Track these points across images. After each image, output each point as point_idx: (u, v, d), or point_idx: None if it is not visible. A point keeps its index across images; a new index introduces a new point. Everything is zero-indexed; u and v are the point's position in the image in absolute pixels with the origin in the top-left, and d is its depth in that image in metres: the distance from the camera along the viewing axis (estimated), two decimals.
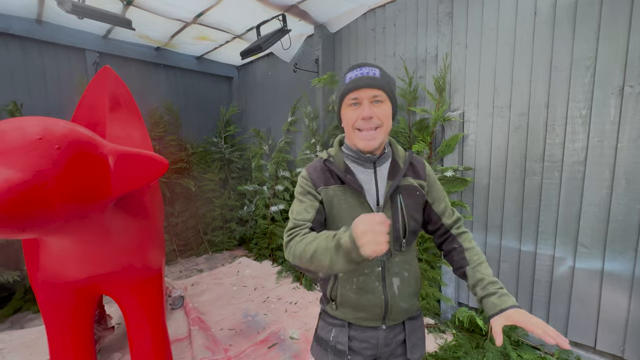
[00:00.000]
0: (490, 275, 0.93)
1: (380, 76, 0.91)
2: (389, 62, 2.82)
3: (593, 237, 1.91)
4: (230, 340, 2.39)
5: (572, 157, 1.94)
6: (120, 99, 1.98)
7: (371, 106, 0.90)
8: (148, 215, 1.64)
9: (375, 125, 0.90)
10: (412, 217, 0.98)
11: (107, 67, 1.95)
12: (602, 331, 1.93)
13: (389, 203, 0.95)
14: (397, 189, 0.96)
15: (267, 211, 3.90)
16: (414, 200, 0.99)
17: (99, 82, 1.92)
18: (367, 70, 0.91)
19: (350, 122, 0.93)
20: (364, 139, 0.92)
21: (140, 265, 1.58)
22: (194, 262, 4.03)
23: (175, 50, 4.03)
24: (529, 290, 2.18)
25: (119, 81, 2.03)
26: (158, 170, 1.22)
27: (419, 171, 1.03)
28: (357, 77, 0.90)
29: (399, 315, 0.99)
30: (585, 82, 1.86)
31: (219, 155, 4.51)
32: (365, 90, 0.89)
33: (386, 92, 0.91)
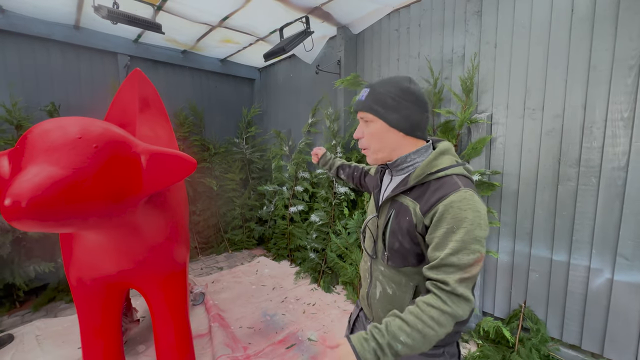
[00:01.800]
0: (384, 325, 0.78)
1: (366, 97, 0.93)
2: (412, 63, 2.77)
3: (635, 248, 1.78)
4: (249, 339, 2.42)
5: (611, 162, 1.82)
6: (149, 100, 2.06)
7: (362, 127, 0.96)
8: (175, 212, 1.68)
9: (364, 146, 0.97)
10: (397, 238, 0.90)
11: (137, 69, 2.03)
12: None
13: (385, 211, 0.98)
14: (393, 203, 0.95)
15: (286, 212, 3.93)
16: (402, 223, 0.89)
17: (130, 84, 2.01)
18: (361, 92, 0.96)
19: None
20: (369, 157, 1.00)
21: (166, 261, 1.63)
22: (214, 259, 4.12)
23: (200, 53, 4.14)
24: (561, 302, 2.07)
25: (148, 83, 2.11)
26: (187, 169, 1.25)
27: (427, 198, 0.84)
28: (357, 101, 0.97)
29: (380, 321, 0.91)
30: (628, 82, 1.74)
31: (240, 156, 4.59)
32: (358, 113, 0.96)
33: (373, 112, 0.91)
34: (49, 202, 0.88)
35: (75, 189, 0.95)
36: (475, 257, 0.76)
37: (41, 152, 0.97)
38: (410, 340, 0.73)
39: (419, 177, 0.88)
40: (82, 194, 0.97)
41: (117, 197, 1.12)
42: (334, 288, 3.21)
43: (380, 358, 0.72)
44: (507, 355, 2.04)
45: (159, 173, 1.21)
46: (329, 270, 3.30)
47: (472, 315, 2.39)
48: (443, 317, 0.73)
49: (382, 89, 0.91)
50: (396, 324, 0.75)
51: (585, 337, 1.99)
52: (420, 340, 0.73)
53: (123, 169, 1.13)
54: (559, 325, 2.09)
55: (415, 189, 0.89)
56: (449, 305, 0.74)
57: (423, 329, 0.73)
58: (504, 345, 2.13)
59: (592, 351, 1.98)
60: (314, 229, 3.44)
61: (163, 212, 1.55)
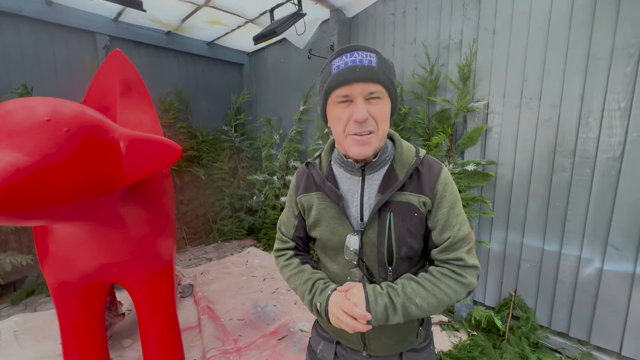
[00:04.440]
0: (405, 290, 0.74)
1: (378, 65, 0.70)
2: (408, 49, 2.69)
3: (625, 238, 1.80)
4: (240, 331, 2.37)
5: (607, 152, 1.82)
6: (131, 84, 1.92)
7: (366, 104, 0.70)
8: (160, 203, 1.59)
9: (370, 128, 0.71)
10: (405, 242, 0.77)
11: (117, 50, 1.89)
12: (629, 336, 1.83)
13: (376, 220, 0.77)
14: (388, 205, 0.77)
15: (277, 201, 3.85)
16: (410, 223, 0.77)
17: (110, 66, 1.87)
18: (360, 56, 0.69)
19: (339, 125, 0.73)
20: (357, 144, 0.72)
21: (151, 255, 1.54)
22: (203, 250, 4.03)
23: (186, 34, 3.93)
24: (551, 291, 2.09)
25: (130, 65, 1.97)
26: (171, 157, 1.15)
27: (425, 184, 0.77)
28: (349, 68, 0.69)
29: (382, 350, 0.85)
30: (627, 71, 1.72)
31: (229, 144, 4.45)
32: (359, 85, 0.68)
33: (385, 86, 0.71)
34: (11, 193, 0.78)
35: (43, 177, 0.85)
36: (468, 224, 0.80)
37: (3, 137, 0.86)
38: (425, 304, 0.73)
39: (408, 166, 0.78)
40: (51, 183, 0.87)
41: (93, 186, 1.02)
42: None
43: (389, 315, 0.72)
44: (497, 343, 2.07)
45: (140, 160, 1.11)
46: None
47: (463, 304, 2.41)
48: (460, 287, 0.75)
49: (386, 62, 0.73)
50: (413, 287, 0.74)
51: (573, 325, 2.02)
52: (435, 305, 0.74)
53: (99, 156, 1.03)
54: (547, 314, 2.12)
55: (407, 181, 0.78)
56: (464, 277, 0.75)
57: (440, 295, 0.74)
58: (494, 333, 2.16)
59: (579, 338, 2.02)
60: None
61: (148, 203, 1.45)
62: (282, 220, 0.97)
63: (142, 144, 1.11)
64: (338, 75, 0.70)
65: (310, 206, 0.86)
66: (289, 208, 0.94)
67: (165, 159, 1.14)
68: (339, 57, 0.72)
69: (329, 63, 0.74)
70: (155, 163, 1.14)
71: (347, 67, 0.69)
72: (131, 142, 1.10)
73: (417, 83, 2.50)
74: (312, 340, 1.01)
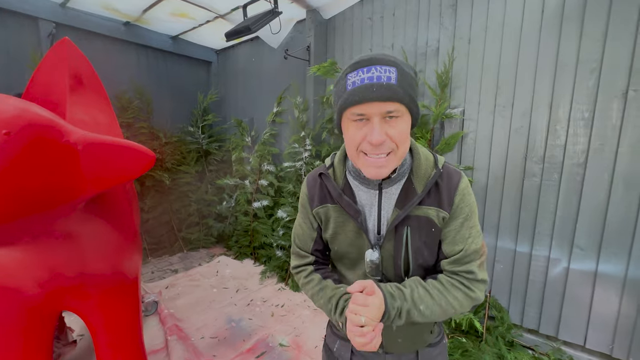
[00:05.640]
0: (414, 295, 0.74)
1: (398, 81, 0.63)
2: None
3: (589, 239, 1.93)
4: (213, 350, 2.18)
5: (572, 159, 1.94)
6: (83, 78, 1.67)
7: (383, 125, 0.65)
8: (125, 213, 1.38)
9: (387, 150, 0.67)
10: (422, 255, 0.77)
11: (66, 39, 1.63)
12: (592, 330, 1.97)
13: (392, 234, 0.76)
14: (405, 219, 0.75)
15: (249, 207, 3.67)
16: (428, 238, 0.76)
17: (57, 57, 1.61)
18: (378, 72, 0.62)
19: (353, 143, 0.69)
20: (370, 166, 0.68)
21: (113, 275, 1.34)
22: (167, 261, 3.72)
23: (147, 27, 3.61)
24: (523, 290, 2.19)
25: (82, 57, 1.72)
26: (142, 165, 0.98)
27: (444, 198, 0.75)
28: (365, 86, 0.63)
29: (398, 349, 0.87)
30: (589, 84, 1.85)
31: (196, 146, 4.17)
32: (375, 105, 0.63)
33: (405, 104, 0.65)
34: None
35: None
36: (482, 237, 0.79)
37: None
38: (429, 312, 0.73)
39: (427, 178, 0.75)
40: None
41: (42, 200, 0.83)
42: None
43: (394, 319, 0.72)
44: (476, 344, 2.11)
45: (104, 169, 0.93)
46: None
47: None
48: (467, 300, 0.75)
49: (406, 68, 0.66)
50: (420, 293, 0.74)
51: (543, 322, 2.13)
52: (438, 314, 0.74)
53: (50, 163, 0.84)
54: (519, 312, 2.22)
55: (426, 195, 0.75)
56: (473, 290, 0.75)
57: (445, 305, 0.74)
58: (472, 334, 2.21)
59: (548, 334, 2.13)
60: (281, 225, 3.25)
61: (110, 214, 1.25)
62: (297, 233, 0.91)
63: (106, 149, 0.93)
64: (353, 94, 0.64)
65: (328, 218, 0.83)
66: (305, 221, 0.88)
67: (135, 167, 0.97)
68: (355, 72, 0.65)
69: (344, 77, 0.68)
70: (123, 172, 0.96)
71: (363, 85, 0.63)
72: (92, 147, 0.92)
73: None
74: (327, 339, 1.00)
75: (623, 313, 1.87)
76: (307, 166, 3.09)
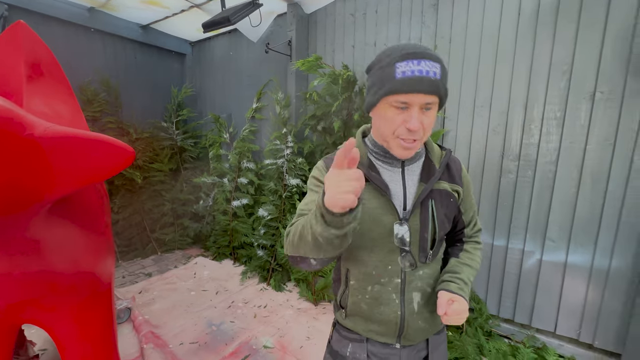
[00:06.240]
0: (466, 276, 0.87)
1: (441, 77, 0.71)
2: (369, 51, 2.69)
3: (560, 232, 2.05)
4: (193, 357, 2.08)
5: (545, 157, 2.04)
6: (42, 66, 1.51)
7: (420, 114, 0.73)
8: (94, 216, 1.26)
9: (418, 136, 0.75)
10: (443, 226, 0.87)
11: (21, 22, 1.46)
12: (562, 317, 2.10)
13: (418, 209, 0.83)
14: (430, 193, 0.84)
15: (228, 206, 3.55)
16: (447, 209, 0.87)
17: (10, 42, 1.44)
18: (427, 67, 0.68)
19: (390, 126, 0.76)
20: (401, 148, 0.78)
21: (84, 283, 1.22)
22: (139, 264, 3.51)
23: (114, 14, 3.36)
24: (499, 282, 2.29)
25: (40, 43, 1.54)
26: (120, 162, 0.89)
27: (455, 175, 0.90)
28: (416, 78, 0.69)
29: (417, 336, 0.90)
30: (561, 85, 1.95)
31: (170, 143, 3.96)
32: (420, 96, 0.70)
33: (440, 97, 0.73)
34: None
35: None
36: None
37: None
38: (472, 279, 0.89)
39: (440, 157, 0.90)
40: None
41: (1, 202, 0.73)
42: (285, 286, 3.03)
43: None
44: (457, 336, 2.18)
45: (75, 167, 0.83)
46: (280, 268, 3.09)
47: None
48: (481, 252, 0.99)
49: (446, 72, 0.75)
50: (466, 270, 0.88)
51: (518, 311, 2.24)
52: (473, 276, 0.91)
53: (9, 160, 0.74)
54: (496, 303, 2.32)
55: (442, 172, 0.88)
56: (481, 242, 1.01)
57: (476, 266, 0.93)
58: (453, 327, 2.27)
59: (522, 323, 2.25)
60: (262, 224, 3.18)
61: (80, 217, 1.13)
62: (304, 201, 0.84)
63: (77, 143, 0.83)
64: (403, 83, 0.70)
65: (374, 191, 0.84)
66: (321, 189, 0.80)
67: (110, 164, 0.88)
68: (405, 62, 0.70)
69: (392, 64, 0.71)
70: (96, 170, 0.87)
71: (413, 76, 0.69)
72: (60, 142, 0.82)
73: None
74: (335, 344, 0.97)
75: (589, 300, 2.01)
76: (288, 163, 3.03)
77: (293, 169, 3.04)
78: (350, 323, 0.92)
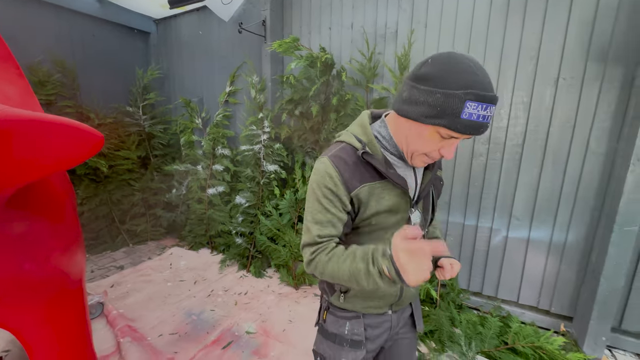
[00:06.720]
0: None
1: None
2: (345, 34, 2.65)
3: (524, 210, 2.20)
4: (174, 347, 2.05)
5: (512, 140, 2.16)
6: None
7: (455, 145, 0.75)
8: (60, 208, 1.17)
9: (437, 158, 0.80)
10: (435, 208, 0.98)
11: None
12: (524, 288, 2.29)
13: (423, 194, 0.89)
14: (431, 180, 0.90)
15: (203, 194, 3.44)
16: (437, 192, 0.96)
17: None
18: (490, 113, 0.65)
19: (425, 148, 0.75)
20: (422, 163, 0.80)
21: (52, 280, 1.14)
22: (110, 257, 3.34)
23: None
24: (469, 259, 2.44)
25: None
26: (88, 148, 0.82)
27: (440, 163, 0.97)
28: (479, 124, 0.65)
29: (407, 300, 1.00)
30: (528, 71, 2.04)
31: (137, 129, 3.72)
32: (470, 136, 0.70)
33: None
34: None
35: None
36: None
37: None
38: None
39: None
40: None
41: None
42: (265, 272, 3.04)
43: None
44: (431, 310, 2.32)
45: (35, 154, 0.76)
46: (259, 255, 3.08)
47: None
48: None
49: None
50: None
51: (486, 285, 2.42)
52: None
53: None
54: (467, 278, 2.48)
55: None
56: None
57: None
58: (428, 302, 2.41)
59: (489, 295, 2.43)
60: (240, 211, 3.12)
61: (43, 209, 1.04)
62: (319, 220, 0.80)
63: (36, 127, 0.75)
64: (466, 127, 0.65)
65: (370, 196, 0.81)
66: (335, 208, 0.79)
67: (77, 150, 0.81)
68: (477, 104, 0.63)
69: (463, 100, 0.62)
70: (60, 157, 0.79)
71: (479, 122, 0.64)
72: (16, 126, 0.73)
73: (355, 70, 2.50)
74: (330, 326, 0.97)
75: (548, 271, 2.20)
76: (265, 149, 2.97)
77: (270, 154, 2.98)
78: (349, 304, 0.94)
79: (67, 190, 1.24)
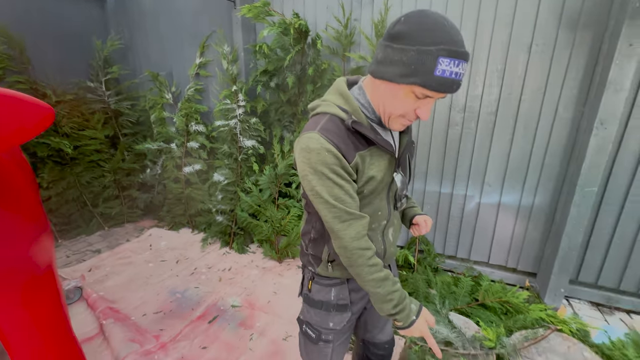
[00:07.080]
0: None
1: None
2: (320, 0, 2.51)
3: (496, 177, 2.29)
4: (159, 325, 2.06)
5: (487, 108, 2.20)
6: None
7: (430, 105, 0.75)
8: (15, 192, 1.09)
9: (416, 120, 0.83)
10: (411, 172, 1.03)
11: None
12: (495, 250, 2.44)
13: (403, 158, 0.90)
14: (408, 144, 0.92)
15: (179, 173, 3.33)
16: (412, 155, 0.98)
17: None
18: (463, 69, 0.66)
19: (402, 109, 0.74)
20: (400, 125, 0.80)
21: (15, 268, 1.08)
22: (85, 242, 3.23)
23: None
24: (445, 225, 2.55)
25: None
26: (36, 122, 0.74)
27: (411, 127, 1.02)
28: (452, 81, 0.66)
29: (387, 261, 1.02)
30: (503, 38, 2.04)
31: (101, 106, 3.48)
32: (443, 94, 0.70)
33: None
34: None
35: None
36: None
37: None
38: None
39: None
40: None
41: None
42: (248, 248, 3.05)
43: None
44: (409, 274, 2.44)
45: None
46: (241, 231, 3.08)
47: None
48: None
49: None
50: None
51: (460, 249, 2.55)
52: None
53: None
54: (442, 243, 2.61)
55: None
56: None
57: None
58: (406, 267, 2.53)
59: (463, 257, 2.57)
60: (219, 189, 3.06)
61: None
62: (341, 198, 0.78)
63: None
64: (440, 84, 0.65)
65: (364, 163, 0.82)
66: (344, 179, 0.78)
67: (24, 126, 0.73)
68: (449, 60, 0.63)
69: (436, 57, 0.62)
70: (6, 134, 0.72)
71: (450, 78, 0.65)
72: None
73: (331, 37, 2.40)
74: (316, 295, 1.00)
75: (516, 233, 2.34)
76: (242, 124, 2.87)
77: (247, 129, 2.89)
78: (336, 272, 0.97)
79: (24, 170, 1.15)
